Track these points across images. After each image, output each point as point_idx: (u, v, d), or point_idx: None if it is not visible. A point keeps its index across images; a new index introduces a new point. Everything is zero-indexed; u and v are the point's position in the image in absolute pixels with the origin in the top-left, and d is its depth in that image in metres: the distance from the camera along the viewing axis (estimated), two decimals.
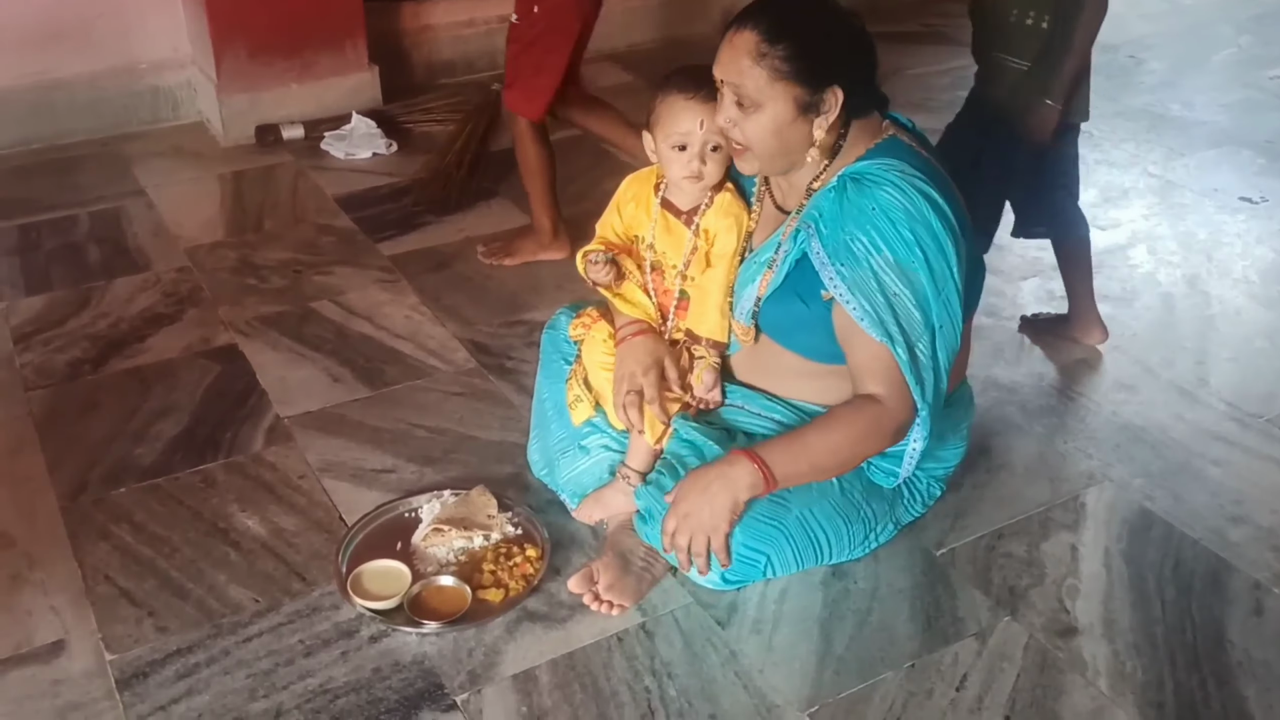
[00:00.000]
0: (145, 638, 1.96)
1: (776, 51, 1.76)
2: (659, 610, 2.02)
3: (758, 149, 1.84)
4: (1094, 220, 3.38)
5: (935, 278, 1.81)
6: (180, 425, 2.51)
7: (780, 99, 1.78)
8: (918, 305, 1.82)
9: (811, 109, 1.80)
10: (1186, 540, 2.19)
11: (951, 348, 1.88)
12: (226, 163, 3.82)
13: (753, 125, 1.81)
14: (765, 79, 1.77)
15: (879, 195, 1.79)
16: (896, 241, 1.79)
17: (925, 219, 1.79)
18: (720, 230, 2.01)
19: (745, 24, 1.79)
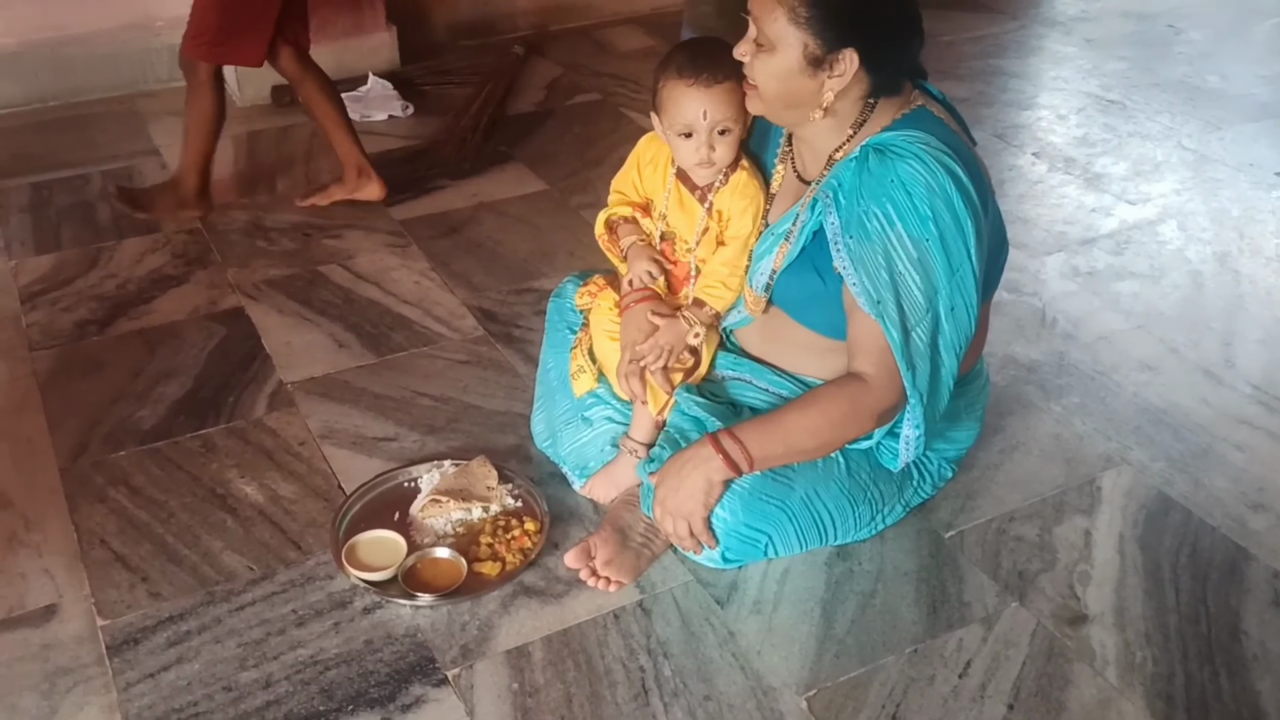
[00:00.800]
0: (138, 604, 1.95)
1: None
2: (657, 588, 1.98)
3: (763, 89, 1.78)
4: (1123, 194, 3.32)
5: (951, 257, 1.74)
6: (183, 389, 2.49)
7: (792, 45, 1.72)
8: (926, 286, 1.75)
9: (822, 65, 1.72)
10: (1205, 527, 2.12)
11: (965, 332, 1.81)
12: (242, 123, 3.78)
13: (761, 65, 1.75)
14: (783, 20, 1.71)
15: (900, 167, 1.72)
16: (912, 216, 1.72)
17: (946, 195, 1.71)
18: (735, 212, 1.96)
19: None
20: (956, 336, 1.81)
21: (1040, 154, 3.57)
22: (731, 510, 1.90)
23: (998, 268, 1.97)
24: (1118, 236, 3.11)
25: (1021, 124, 3.79)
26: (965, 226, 1.73)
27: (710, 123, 1.85)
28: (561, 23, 4.58)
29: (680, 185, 1.99)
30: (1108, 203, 3.28)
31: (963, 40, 4.47)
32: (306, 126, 3.75)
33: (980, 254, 1.77)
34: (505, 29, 4.47)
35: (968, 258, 1.74)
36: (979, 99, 3.97)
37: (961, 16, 4.73)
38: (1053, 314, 2.78)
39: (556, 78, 4.15)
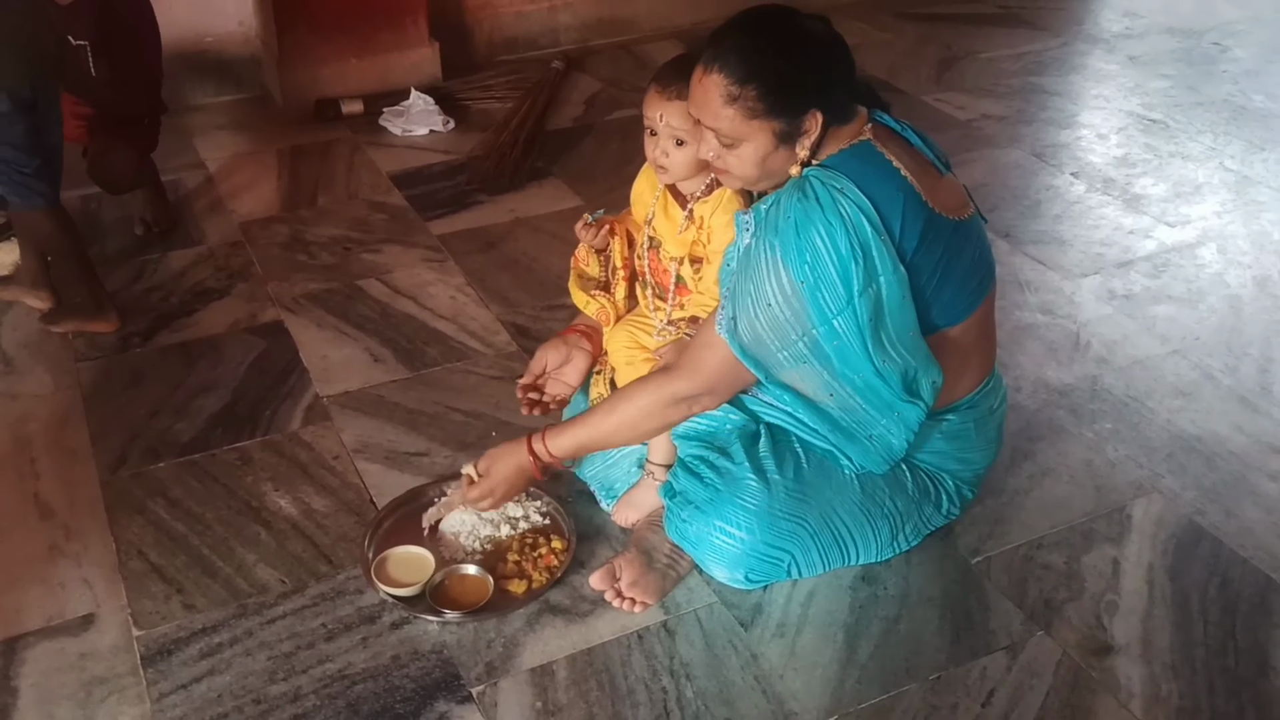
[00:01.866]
0: (173, 615, 1.99)
1: (748, 92, 1.72)
2: (682, 609, 2.00)
3: (740, 176, 1.84)
4: (1163, 216, 3.29)
5: (827, 302, 1.76)
6: (221, 401, 2.54)
7: (759, 134, 1.76)
8: (798, 321, 1.78)
9: (791, 137, 1.77)
10: (1236, 559, 2.10)
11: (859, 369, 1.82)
12: (285, 137, 3.85)
13: (735, 159, 1.80)
14: (741, 119, 1.74)
15: (799, 209, 1.74)
16: (793, 255, 1.75)
17: (834, 242, 1.72)
18: (717, 226, 1.99)
19: (711, 66, 1.74)
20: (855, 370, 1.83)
21: (1079, 174, 3.55)
22: (748, 529, 1.92)
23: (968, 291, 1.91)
24: (1156, 259, 3.08)
25: (1060, 143, 3.76)
26: (849, 274, 1.74)
27: (665, 129, 1.92)
28: (602, 38, 4.61)
29: (668, 193, 2.05)
30: (1146, 224, 3.25)
31: (1002, 57, 4.44)
32: (348, 141, 3.81)
33: (870, 300, 1.76)
34: (546, 44, 4.51)
35: (847, 304, 1.75)
36: (1017, 117, 3.95)
37: (1002, 33, 4.70)
38: (1087, 337, 2.76)
39: (595, 93, 4.19)
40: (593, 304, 2.18)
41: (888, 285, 1.77)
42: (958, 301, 1.89)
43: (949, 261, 1.84)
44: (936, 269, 1.83)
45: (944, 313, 1.88)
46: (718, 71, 1.73)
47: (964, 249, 1.87)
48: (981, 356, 2.02)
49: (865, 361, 1.81)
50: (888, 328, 1.80)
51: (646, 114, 1.94)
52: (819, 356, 1.81)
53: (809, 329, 1.79)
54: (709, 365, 1.87)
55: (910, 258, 1.79)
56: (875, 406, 1.87)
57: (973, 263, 1.90)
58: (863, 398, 1.86)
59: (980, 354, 2.01)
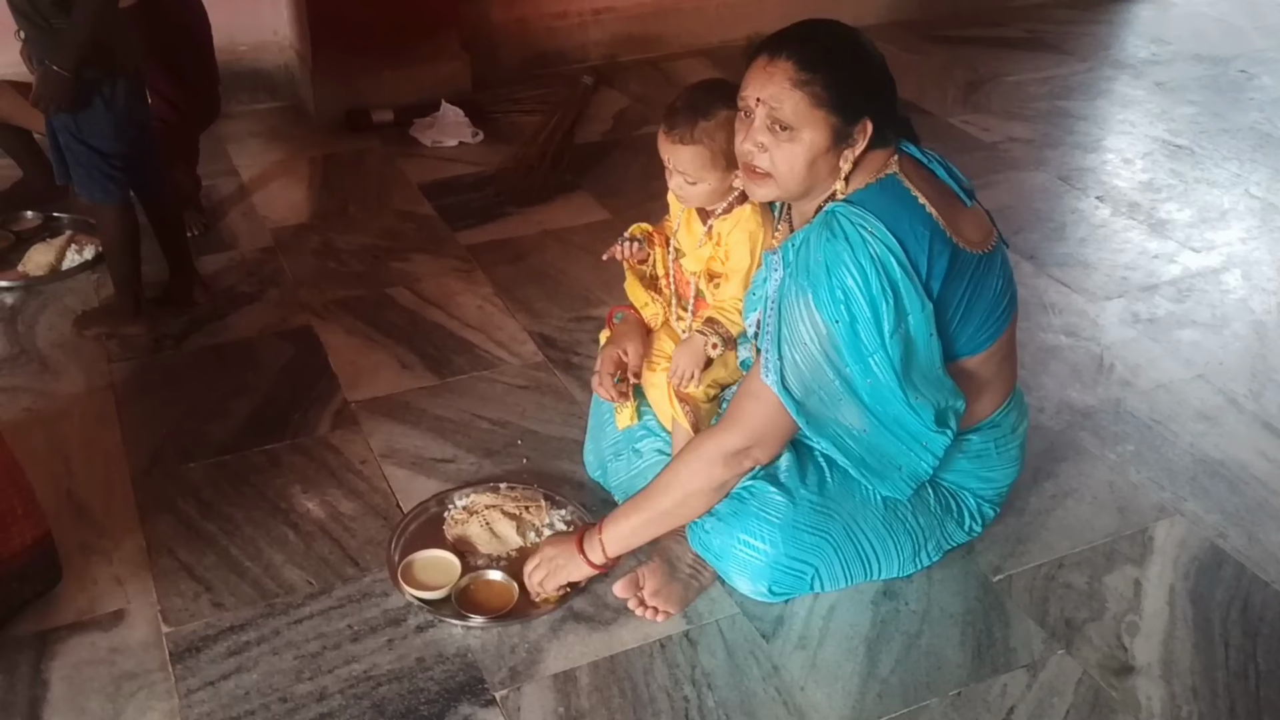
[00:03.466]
0: (201, 613, 2.02)
1: (817, 79, 1.73)
2: (704, 619, 2.01)
3: (784, 177, 1.80)
4: (1188, 241, 3.30)
5: (862, 340, 1.77)
6: (252, 405, 2.58)
7: (819, 126, 1.76)
8: (834, 362, 1.79)
9: (844, 140, 1.78)
10: (1257, 583, 2.10)
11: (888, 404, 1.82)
12: (317, 146, 3.90)
13: (785, 152, 1.78)
14: (806, 104, 1.74)
15: (829, 249, 1.75)
16: (825, 297, 1.76)
17: (866, 282, 1.74)
18: (734, 244, 2.01)
19: (780, 52, 1.76)
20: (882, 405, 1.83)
21: (1104, 198, 3.56)
22: (771, 542, 1.93)
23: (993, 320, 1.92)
24: (1180, 284, 3.09)
25: (1086, 167, 3.78)
26: (881, 314, 1.75)
27: (675, 170, 1.96)
28: (631, 54, 4.66)
29: (692, 209, 2.07)
30: (1171, 249, 3.26)
31: (1029, 81, 4.46)
32: (379, 151, 3.86)
33: (901, 340, 1.77)
34: (575, 59, 4.56)
35: (881, 344, 1.77)
36: (1044, 140, 3.97)
37: (1029, 57, 4.72)
38: (1110, 360, 2.77)
39: (624, 109, 4.22)
40: (651, 306, 2.19)
41: (916, 323, 1.79)
42: (981, 333, 1.90)
43: (973, 295, 1.85)
44: (961, 303, 1.84)
45: (968, 344, 1.89)
46: (787, 58, 1.74)
47: (987, 281, 1.88)
48: (1003, 379, 2.03)
49: (899, 398, 1.82)
50: (919, 364, 1.82)
51: (660, 151, 1.97)
52: (852, 395, 1.82)
53: (841, 368, 1.79)
54: (755, 416, 1.85)
55: (936, 294, 1.80)
56: (905, 440, 1.88)
57: (996, 295, 1.90)
58: (893, 433, 1.87)
59: (1002, 377, 2.02)
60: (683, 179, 1.96)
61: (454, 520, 2.19)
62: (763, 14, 4.79)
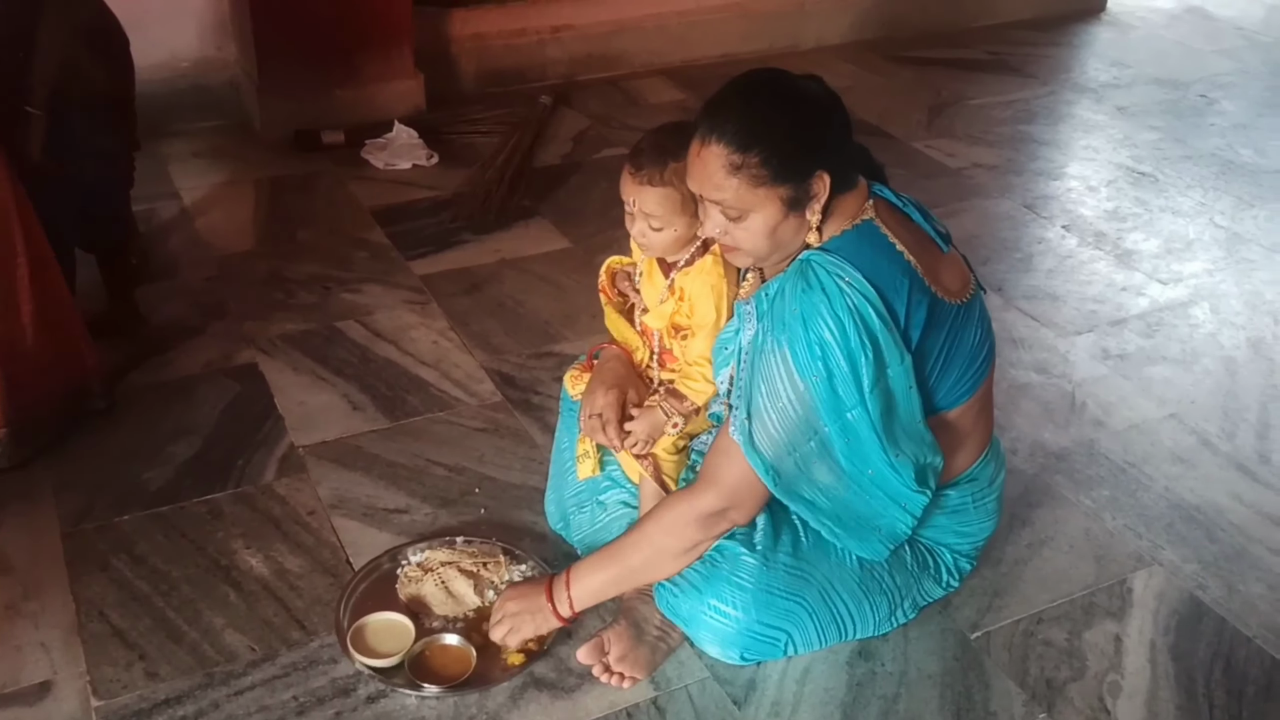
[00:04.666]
0: (134, 684, 1.89)
1: (751, 159, 1.64)
2: (673, 684, 1.92)
3: (750, 250, 1.74)
4: (1155, 273, 3.26)
5: (840, 396, 1.69)
6: (192, 449, 2.44)
7: (767, 202, 1.67)
8: (809, 418, 1.71)
9: (801, 202, 1.69)
10: (1240, 638, 2.05)
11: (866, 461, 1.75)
12: (264, 168, 3.75)
13: (743, 232, 1.70)
14: (746, 188, 1.66)
15: (805, 301, 1.67)
16: (804, 352, 1.68)
17: (844, 336, 1.66)
18: (698, 298, 1.91)
19: (710, 137, 1.66)
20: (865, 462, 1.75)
21: (1070, 227, 3.52)
22: (743, 608, 1.84)
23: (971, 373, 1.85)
24: (1149, 318, 3.04)
25: (1051, 194, 3.73)
26: (859, 368, 1.67)
27: (640, 213, 1.85)
28: (591, 73, 4.56)
29: (653, 259, 1.97)
30: (1139, 281, 3.22)
31: (992, 105, 4.42)
32: (329, 173, 3.72)
33: (880, 394, 1.70)
34: (534, 78, 4.45)
35: (860, 399, 1.69)
36: (1008, 166, 3.92)
37: (991, 80, 4.68)
38: (1082, 398, 2.71)
39: (584, 130, 4.12)
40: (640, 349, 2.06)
41: (895, 376, 1.71)
42: (960, 385, 1.83)
43: (952, 346, 1.78)
44: (940, 354, 1.77)
45: (947, 396, 1.82)
46: (716, 142, 1.65)
47: (966, 331, 1.80)
48: (981, 431, 1.96)
49: (879, 457, 1.74)
50: (899, 418, 1.74)
51: (622, 194, 1.87)
52: (828, 457, 1.74)
53: (820, 428, 1.71)
54: (730, 476, 1.77)
55: (915, 345, 1.72)
56: (882, 502, 1.80)
57: (974, 345, 1.83)
58: (870, 495, 1.79)
59: (980, 429, 1.95)
60: (647, 224, 1.85)
61: (407, 578, 2.07)
62: (726, 33, 4.74)
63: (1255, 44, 5.25)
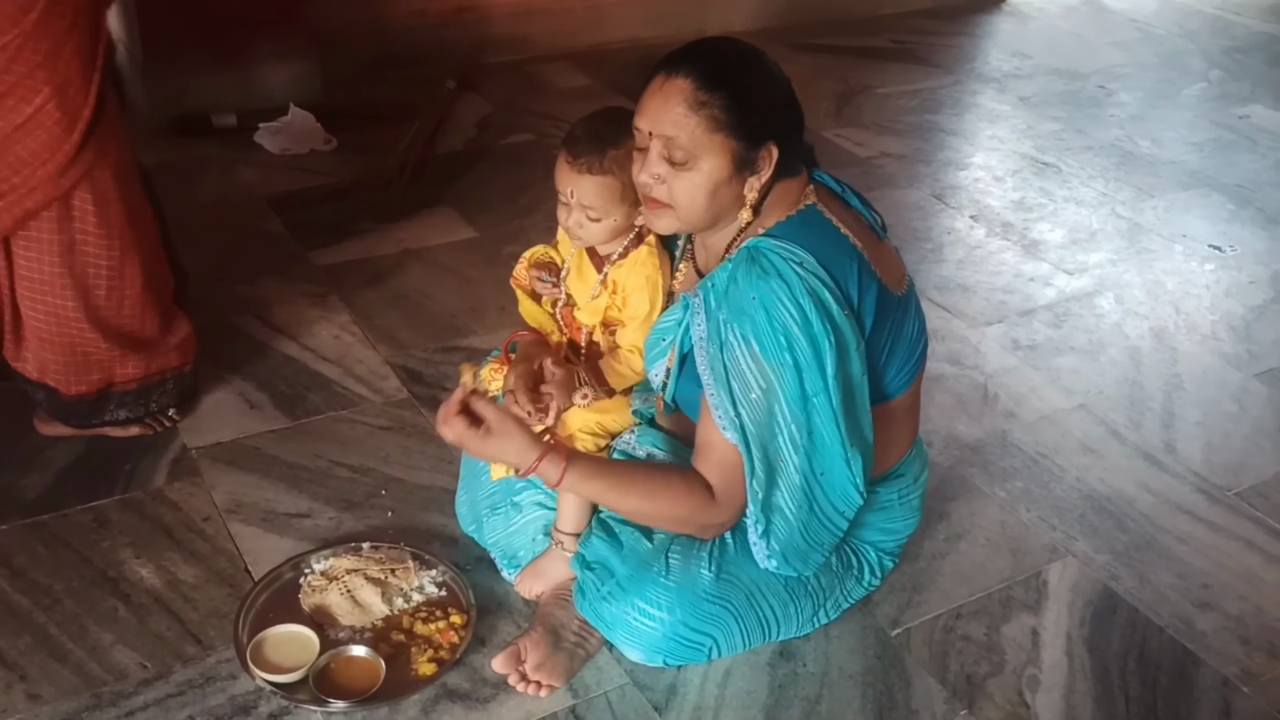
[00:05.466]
0: (14, 707, 1.76)
1: (715, 101, 1.60)
2: (591, 691, 1.86)
3: (684, 208, 1.67)
4: (1061, 263, 3.29)
5: (805, 384, 1.65)
6: (73, 453, 2.29)
7: (718, 153, 1.62)
8: (777, 411, 1.67)
9: (747, 167, 1.65)
10: (1152, 628, 2.06)
11: (830, 457, 1.71)
12: (149, 152, 3.51)
13: (684, 183, 1.64)
14: (703, 129, 1.61)
15: (763, 286, 1.62)
16: (769, 340, 1.63)
17: (805, 320, 1.62)
18: (632, 290, 1.86)
19: (678, 70, 1.62)
20: (820, 460, 1.71)
21: (978, 217, 3.54)
22: (669, 609, 1.79)
23: (909, 365, 1.85)
24: (1056, 308, 3.07)
25: (959, 184, 3.75)
26: (823, 353, 1.64)
27: (577, 203, 1.79)
28: (494, 56, 4.44)
29: (583, 252, 1.91)
30: (1045, 271, 3.25)
31: (899, 94, 4.44)
32: (220, 158, 3.55)
33: (840, 382, 1.67)
34: (434, 59, 4.31)
35: (824, 386, 1.66)
36: (916, 155, 3.94)
37: (897, 69, 4.70)
38: (994, 389, 2.72)
39: (489, 115, 4.01)
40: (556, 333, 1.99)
41: (853, 362, 1.67)
42: (899, 376, 1.81)
43: (895, 336, 1.76)
44: (885, 344, 1.74)
45: (888, 387, 1.79)
46: (684, 77, 1.60)
47: (905, 322, 1.78)
48: (910, 427, 1.94)
49: (836, 450, 1.70)
50: (855, 408, 1.70)
51: (557, 183, 1.80)
52: (792, 456, 1.69)
53: (786, 421, 1.67)
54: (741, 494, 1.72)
55: (868, 330, 1.69)
56: (826, 508, 1.76)
57: (913, 337, 1.81)
58: (818, 501, 1.75)
59: (909, 425, 1.93)
60: (584, 214, 1.79)
61: (311, 587, 1.97)
62: (631, 17, 4.67)
63: (1149, 36, 5.37)
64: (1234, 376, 2.83)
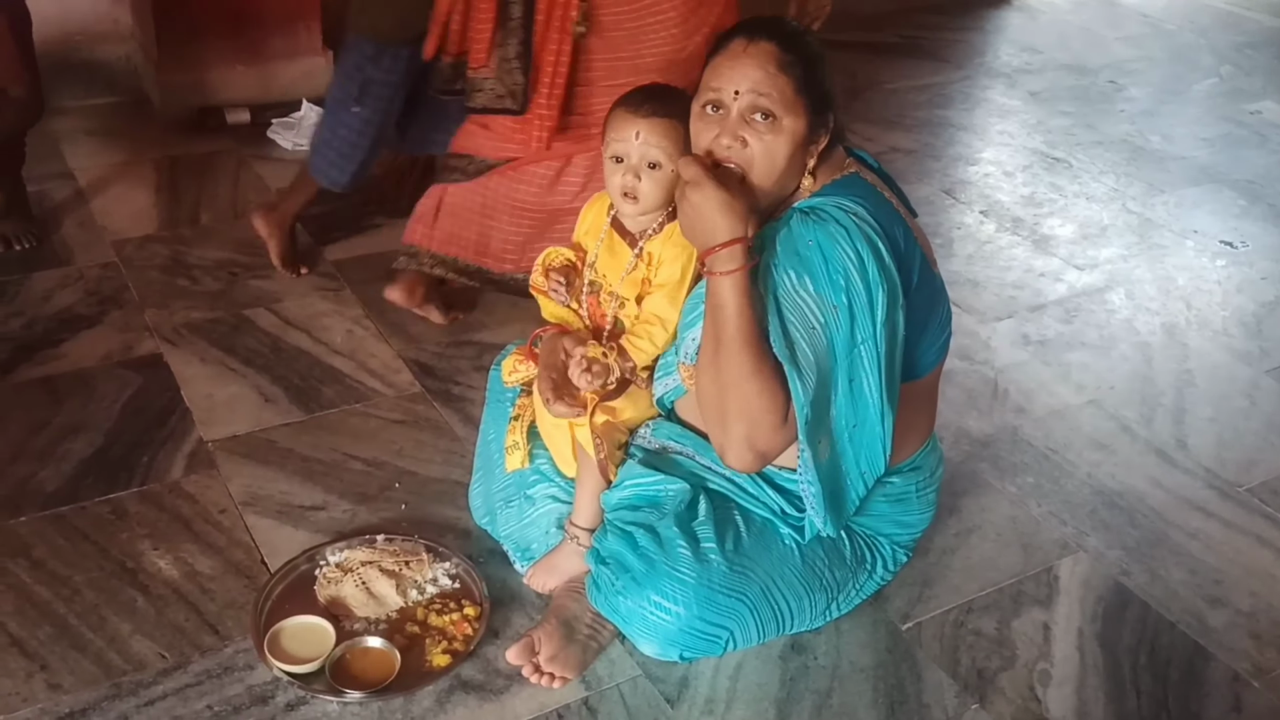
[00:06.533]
0: (35, 696, 1.77)
1: (798, 63, 1.65)
2: (604, 683, 1.87)
3: (762, 171, 1.68)
4: (1071, 259, 3.30)
5: (856, 328, 1.66)
6: (92, 446, 2.31)
7: (800, 114, 1.66)
8: (826, 351, 1.67)
9: (815, 133, 1.69)
10: (1164, 623, 2.07)
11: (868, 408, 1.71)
12: (163, 147, 3.58)
13: (768, 143, 1.66)
14: (790, 89, 1.64)
15: (821, 231, 1.65)
16: (825, 281, 1.65)
17: (862, 265, 1.64)
18: (666, 258, 1.86)
19: (759, 34, 1.67)
20: (854, 412, 1.71)
21: (988, 212, 3.54)
22: (685, 604, 1.79)
23: (937, 346, 1.88)
24: (1067, 304, 3.08)
25: (969, 180, 3.76)
26: (876, 300, 1.65)
27: (641, 147, 1.79)
28: None
29: (614, 231, 1.92)
30: (1056, 267, 3.25)
31: (907, 89, 4.44)
32: (233, 153, 3.57)
33: (889, 331, 1.68)
34: None
35: (873, 333, 1.67)
36: (926, 151, 3.94)
37: (907, 64, 4.70)
38: (1004, 385, 2.73)
39: None
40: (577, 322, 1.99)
41: (899, 313, 1.70)
42: (929, 352, 1.83)
43: (930, 307, 1.78)
44: (922, 312, 1.76)
45: (919, 361, 1.81)
46: (767, 39, 1.65)
47: (938, 300, 1.81)
48: (928, 416, 1.95)
49: (875, 401, 1.70)
50: (894, 363, 1.72)
51: (612, 138, 1.81)
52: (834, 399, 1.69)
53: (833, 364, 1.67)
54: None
55: (912, 289, 1.71)
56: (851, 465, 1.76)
57: (944, 317, 1.85)
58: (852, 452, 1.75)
59: (927, 413, 1.94)
60: (643, 164, 1.78)
61: (326, 579, 1.99)
62: None
63: (1159, 31, 5.36)
64: (1245, 372, 2.83)
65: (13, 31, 2.76)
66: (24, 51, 2.81)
